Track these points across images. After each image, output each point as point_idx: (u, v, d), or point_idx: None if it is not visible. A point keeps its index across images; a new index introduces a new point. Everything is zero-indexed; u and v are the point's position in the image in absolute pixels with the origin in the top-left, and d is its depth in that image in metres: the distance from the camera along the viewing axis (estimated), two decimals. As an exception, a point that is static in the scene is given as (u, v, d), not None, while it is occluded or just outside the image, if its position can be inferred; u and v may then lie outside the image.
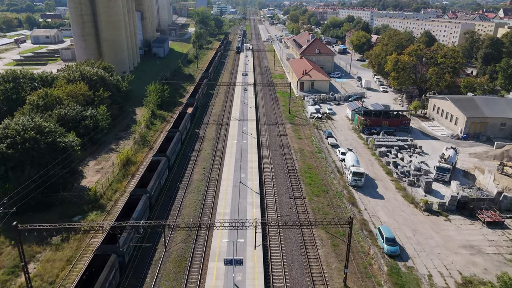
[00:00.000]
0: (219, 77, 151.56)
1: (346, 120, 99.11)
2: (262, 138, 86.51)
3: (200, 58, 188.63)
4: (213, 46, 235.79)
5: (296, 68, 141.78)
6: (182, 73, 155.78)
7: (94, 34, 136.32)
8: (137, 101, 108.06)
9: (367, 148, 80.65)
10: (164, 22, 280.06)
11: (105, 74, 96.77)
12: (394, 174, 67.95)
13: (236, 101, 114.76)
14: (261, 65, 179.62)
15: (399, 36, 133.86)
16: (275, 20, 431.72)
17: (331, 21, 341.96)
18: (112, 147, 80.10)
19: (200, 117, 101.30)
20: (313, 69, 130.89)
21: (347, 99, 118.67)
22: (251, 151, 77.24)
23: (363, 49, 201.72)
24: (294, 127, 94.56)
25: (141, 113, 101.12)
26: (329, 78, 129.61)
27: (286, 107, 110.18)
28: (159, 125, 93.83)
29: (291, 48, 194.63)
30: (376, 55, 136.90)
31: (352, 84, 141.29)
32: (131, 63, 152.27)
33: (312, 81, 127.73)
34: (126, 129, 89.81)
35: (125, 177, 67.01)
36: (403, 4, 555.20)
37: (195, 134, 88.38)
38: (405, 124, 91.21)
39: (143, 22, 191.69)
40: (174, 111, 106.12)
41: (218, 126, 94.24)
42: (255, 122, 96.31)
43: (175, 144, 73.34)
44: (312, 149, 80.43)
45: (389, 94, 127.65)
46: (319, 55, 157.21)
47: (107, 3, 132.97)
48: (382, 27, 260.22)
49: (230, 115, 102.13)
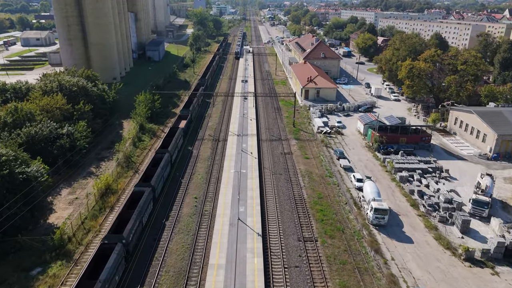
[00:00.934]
0: (217, 83, 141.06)
1: (358, 135, 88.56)
2: (263, 157, 75.97)
3: (197, 62, 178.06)
4: (212, 49, 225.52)
5: (300, 74, 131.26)
6: (178, 78, 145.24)
7: (81, 37, 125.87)
8: (126, 111, 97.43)
9: (385, 171, 70.06)
10: (160, 23, 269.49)
11: (87, 84, 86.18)
12: (421, 207, 57.39)
13: (235, 112, 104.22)
14: (262, 69, 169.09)
15: (412, 40, 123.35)
16: (276, 21, 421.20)
17: (334, 22, 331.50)
18: (92, 170, 69.49)
19: (194, 131, 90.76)
20: (318, 76, 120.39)
21: (357, 109, 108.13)
22: (251, 175, 66.67)
23: (369, 52, 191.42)
24: (300, 143, 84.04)
25: (128, 127, 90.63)
26: (336, 85, 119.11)
27: (290, 119, 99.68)
28: (148, 141, 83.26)
29: (293, 51, 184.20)
30: (387, 60, 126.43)
31: (360, 91, 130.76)
32: (122, 68, 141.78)
33: (317, 89, 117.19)
34: (110, 146, 79.25)
35: (102, 211, 56.45)
36: (406, 4, 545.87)
37: (187, 153, 77.83)
38: (425, 141, 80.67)
39: (137, 24, 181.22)
40: (166, 124, 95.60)
41: (214, 143, 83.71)
42: (256, 137, 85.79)
43: (162, 169, 62.77)
44: (321, 172, 69.87)
45: (402, 103, 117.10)
46: (324, 59, 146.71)
47: (94, 4, 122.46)
48: (388, 28, 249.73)
49: (228, 128, 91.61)
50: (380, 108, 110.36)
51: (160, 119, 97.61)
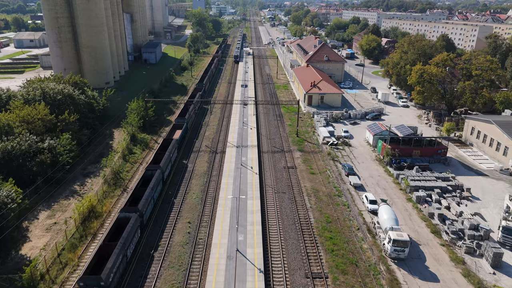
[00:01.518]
0: (215, 87, 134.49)
1: (367, 147, 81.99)
2: (265, 173, 69.39)
3: (195, 65, 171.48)
4: (211, 51, 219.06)
5: (302, 78, 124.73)
6: (174, 83, 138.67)
7: (72, 39, 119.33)
8: (118, 119, 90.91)
9: (399, 189, 63.49)
10: (158, 24, 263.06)
11: (74, 91, 79.64)
12: (443, 235, 50.83)
13: (234, 120, 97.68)
14: (263, 72, 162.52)
15: (421, 42, 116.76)
16: (276, 22, 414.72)
17: (335, 22, 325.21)
18: (75, 188, 62.93)
19: (190, 141, 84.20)
20: (322, 81, 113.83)
21: (364, 117, 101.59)
22: (251, 195, 60.10)
23: (373, 54, 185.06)
24: (304, 155, 77.48)
25: (120, 137, 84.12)
26: (341, 91, 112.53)
27: (293, 127, 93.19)
28: (139, 154, 76.69)
29: (295, 53, 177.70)
30: (394, 63, 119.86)
31: (366, 96, 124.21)
32: (116, 72, 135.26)
33: (321, 94, 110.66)
34: (98, 160, 72.64)
35: (83, 240, 49.90)
36: (407, 4, 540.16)
37: (182, 168, 71.26)
38: (441, 154, 74.12)
39: (133, 25, 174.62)
40: (160, 133, 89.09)
41: (211, 155, 77.16)
42: (257, 148, 79.24)
43: (152, 189, 56.21)
44: (329, 191, 63.30)
45: (411, 109, 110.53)
46: (328, 62, 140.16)
47: (86, 5, 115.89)
48: (392, 29, 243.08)
49: (227, 139, 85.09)
50: (388, 115, 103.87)
51: (154, 128, 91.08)
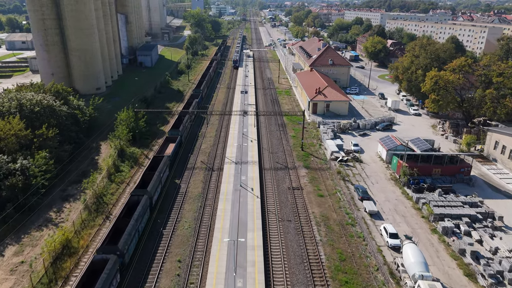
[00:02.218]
0: (214, 93, 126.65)
1: (380, 163, 74.13)
2: (267, 195, 61.55)
3: (193, 68, 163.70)
4: (209, 53, 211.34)
5: (306, 83, 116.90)
6: (170, 88, 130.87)
7: (60, 42, 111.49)
8: (107, 130, 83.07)
9: (421, 216, 55.65)
10: (156, 25, 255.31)
11: (55, 102, 71.81)
12: (479, 279, 42.96)
13: (233, 130, 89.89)
14: (263, 76, 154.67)
15: (434, 46, 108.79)
16: (277, 22, 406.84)
17: (338, 23, 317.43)
18: (51, 216, 55.09)
19: (184, 156, 76.36)
20: (328, 87, 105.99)
21: (374, 127, 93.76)
22: (252, 226, 52.28)
23: (379, 57, 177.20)
24: (311, 173, 69.64)
25: (107, 152, 76.32)
26: (348, 98, 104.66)
27: (297, 140, 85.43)
28: (127, 172, 68.82)
29: (297, 56, 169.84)
30: (404, 68, 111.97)
31: (374, 103, 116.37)
32: (108, 76, 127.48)
33: (327, 102, 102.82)
34: (81, 179, 64.81)
35: (52, 285, 42.08)
36: (409, 4, 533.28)
37: (174, 189, 63.44)
38: (464, 172, 66.29)
39: (128, 27, 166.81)
40: (152, 146, 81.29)
41: (207, 173, 69.32)
42: (258, 165, 71.40)
43: (136, 221, 48.36)
44: (341, 218, 55.48)
45: (424, 118, 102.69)
46: (333, 66, 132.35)
47: (74, 6, 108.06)
48: (397, 30, 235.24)
49: (224, 153, 77.28)
50: (400, 125, 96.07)
51: (145, 140, 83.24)
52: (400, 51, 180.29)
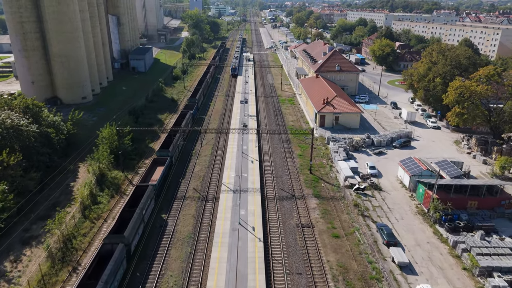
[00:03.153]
0: (211, 102, 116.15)
1: (401, 190, 63.67)
2: (272, 236, 51.16)
3: (189, 74, 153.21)
4: (208, 55, 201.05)
5: (312, 92, 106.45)
6: (163, 96, 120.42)
7: (41, 48, 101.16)
8: (89, 147, 72.66)
9: (462, 268, 45.16)
10: (152, 26, 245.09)
11: (22, 120, 61.32)
12: None
13: (231, 148, 79.49)
14: (265, 82, 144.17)
15: (454, 52, 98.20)
16: (278, 23, 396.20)
17: (341, 24, 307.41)
18: (4, 268, 44.66)
19: (174, 182, 65.91)
20: (337, 97, 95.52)
21: (390, 143, 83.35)
22: (253, 282, 41.77)
23: (387, 61, 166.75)
24: (322, 204, 59.22)
25: (86, 175, 65.88)
26: (360, 110, 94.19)
27: (304, 159, 75.08)
28: (105, 204, 58.35)
29: (301, 60, 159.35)
30: (420, 76, 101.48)
31: (387, 113, 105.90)
32: (96, 84, 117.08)
33: (336, 114, 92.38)
34: (50, 213, 54.50)
35: None
36: (412, 5, 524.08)
37: (159, 227, 53.00)
38: (506, 205, 55.87)
39: (120, 29, 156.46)
40: (138, 168, 70.84)
41: (200, 205, 58.91)
42: (260, 193, 61.00)
43: (106, 283, 37.88)
44: (362, 270, 45.03)
45: (444, 132, 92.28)
46: (340, 72, 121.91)
47: (56, 7, 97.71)
48: (404, 32, 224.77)
49: (221, 178, 66.86)
50: (419, 141, 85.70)
51: (131, 161, 72.73)
52: (410, 55, 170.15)
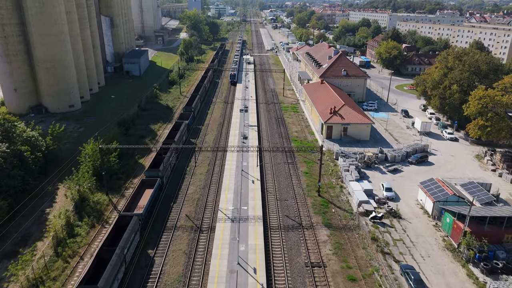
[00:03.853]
0: (208, 110, 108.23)
1: (423, 217, 55.84)
2: (276, 280, 43.32)
3: (186, 78, 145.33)
4: (206, 58, 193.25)
5: (317, 99, 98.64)
6: (158, 103, 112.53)
7: (24, 52, 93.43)
8: (72, 163, 64.52)
9: (508, 326, 37.48)
10: (149, 27, 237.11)
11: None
12: None
13: (230, 165, 71.66)
14: (266, 87, 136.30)
15: (473, 57, 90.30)
16: (279, 24, 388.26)
17: (343, 25, 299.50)
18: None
19: (164, 208, 58.08)
20: (345, 105, 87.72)
21: (405, 158, 75.53)
22: None
23: (394, 64, 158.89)
24: (334, 236, 51.41)
25: (65, 200, 58.07)
26: (371, 120, 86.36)
27: (311, 178, 67.32)
28: (84, 236, 50.52)
29: (304, 63, 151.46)
30: (435, 82, 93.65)
31: (398, 123, 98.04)
32: (86, 90, 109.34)
33: (345, 124, 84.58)
34: (18, 247, 46.74)
35: None
36: (415, 5, 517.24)
37: (144, 267, 45.13)
38: (549, 240, 48.10)
39: (114, 31, 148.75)
40: (124, 190, 63.02)
41: (193, 236, 51.10)
42: (262, 222, 53.23)
43: None
44: (387, 327, 37.28)
45: (462, 145, 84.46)
46: (346, 77, 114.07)
47: (40, 8, 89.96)
48: (409, 33, 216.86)
49: (218, 202, 59.05)
50: (436, 155, 77.92)
51: (118, 181, 64.97)
52: (418, 57, 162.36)
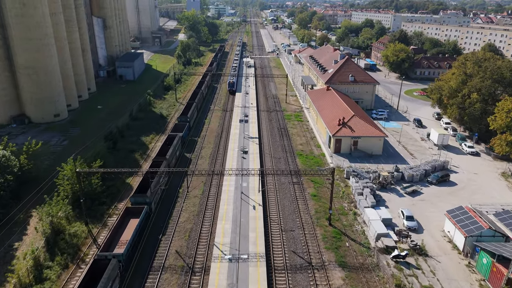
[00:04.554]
0: (206, 119, 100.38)
1: (453, 254, 47.99)
2: None
3: (183, 83, 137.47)
4: (205, 60, 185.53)
5: (323, 109, 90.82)
6: (152, 111, 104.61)
7: (4, 57, 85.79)
8: (50, 184, 56.66)
9: None
10: (146, 28, 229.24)
11: None
12: None
13: (228, 186, 63.85)
14: (267, 92, 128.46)
15: (495, 63, 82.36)
16: (279, 24, 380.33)
17: (346, 25, 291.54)
18: None
19: (151, 243, 50.27)
20: (355, 116, 79.92)
21: (424, 177, 67.61)
22: None
23: (401, 68, 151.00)
24: (350, 279, 43.57)
25: (39, 229, 50.26)
26: (383, 133, 78.53)
27: (320, 202, 59.55)
28: (54, 281, 42.37)
29: (307, 67, 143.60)
30: (452, 90, 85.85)
31: (412, 134, 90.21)
32: (74, 97, 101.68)
33: (355, 138, 76.77)
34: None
35: None
36: (418, 5, 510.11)
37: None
38: None
39: (106, 33, 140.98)
40: (107, 218, 55.19)
41: (182, 280, 43.26)
42: (264, 261, 45.44)
43: None
44: None
45: (484, 160, 76.61)
46: (354, 84, 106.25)
47: (20, 9, 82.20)
48: (415, 35, 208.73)
49: (213, 234, 51.24)
50: (458, 173, 70.09)
51: (100, 207, 57.12)
52: (427, 60, 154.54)
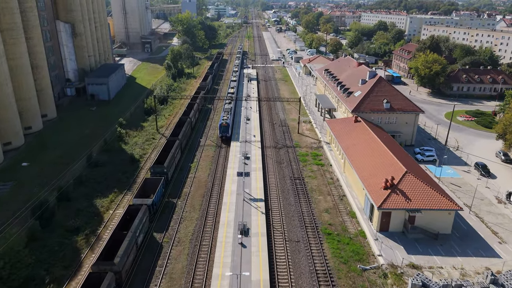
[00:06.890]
0: (191, 163, 73.90)
1: None
2: None
3: (169, 104, 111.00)
4: (199, 71, 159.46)
5: (355, 153, 64.31)
6: (120, 150, 78.13)
7: None
8: None
9: None
10: (134, 33, 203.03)
11: None
12: None
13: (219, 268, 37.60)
14: (273, 117, 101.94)
15: None
16: (283, 26, 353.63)
17: (357, 28, 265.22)
18: None
19: None
20: (408, 174, 53.54)
21: (537, 294, 41.30)
22: None
23: (435, 82, 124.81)
24: None
25: None
26: (455, 204, 51.95)
27: None
28: None
29: (322, 84, 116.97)
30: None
31: (478, 188, 63.73)
32: (18, 130, 75.84)
33: (412, 211, 50.38)
34: None
35: None
36: (428, 5, 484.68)
37: None
38: None
39: (76, 41, 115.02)
40: None
41: None
42: None
43: None
44: None
45: None
46: (390, 112, 79.83)
47: None
48: (442, 40, 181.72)
49: None
50: None
51: None
52: (465, 73, 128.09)
